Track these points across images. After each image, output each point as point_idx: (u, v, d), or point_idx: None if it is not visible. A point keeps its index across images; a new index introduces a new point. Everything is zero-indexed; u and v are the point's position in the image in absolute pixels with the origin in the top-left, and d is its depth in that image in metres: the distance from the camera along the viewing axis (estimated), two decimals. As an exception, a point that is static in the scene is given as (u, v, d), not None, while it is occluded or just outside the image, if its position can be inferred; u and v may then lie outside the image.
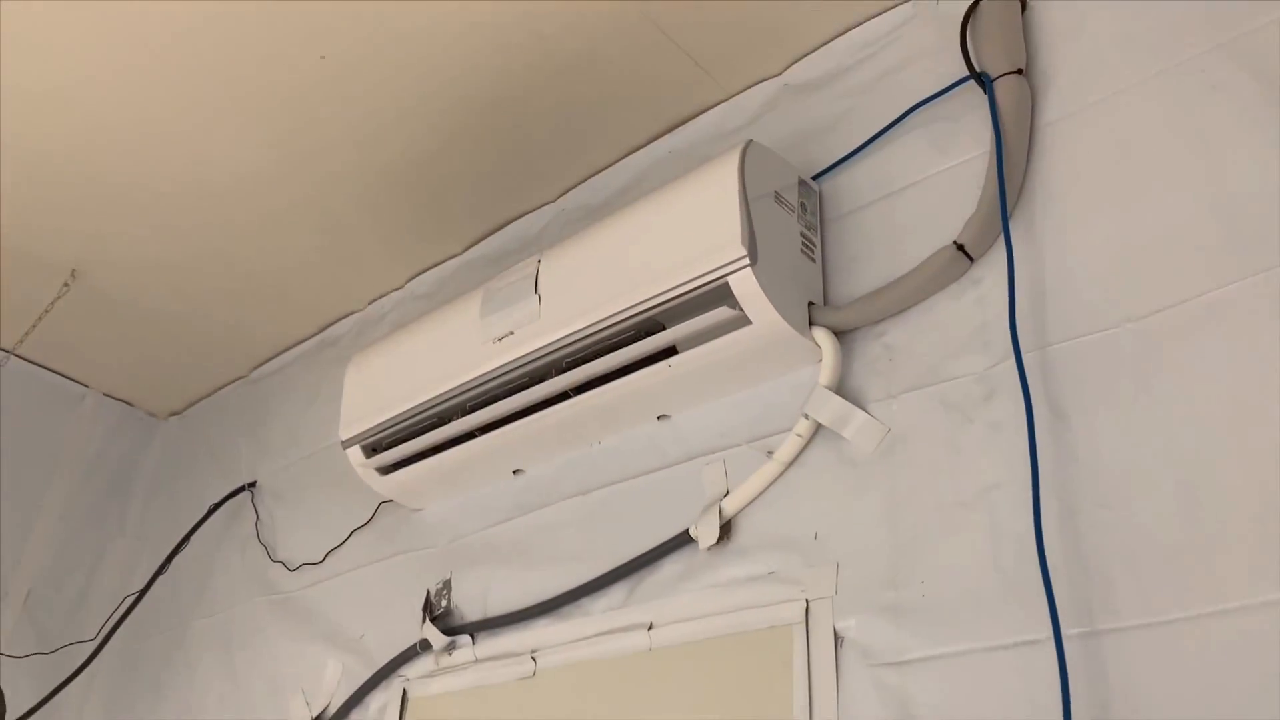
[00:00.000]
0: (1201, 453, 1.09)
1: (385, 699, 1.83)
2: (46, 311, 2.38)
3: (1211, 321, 1.13)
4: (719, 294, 1.42)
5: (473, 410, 1.72)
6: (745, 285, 1.39)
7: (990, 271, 1.35)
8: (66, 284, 2.35)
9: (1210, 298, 1.14)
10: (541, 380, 1.62)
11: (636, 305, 1.49)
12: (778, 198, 1.50)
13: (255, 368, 2.71)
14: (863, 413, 1.38)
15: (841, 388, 1.43)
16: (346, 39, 1.72)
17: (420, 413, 1.78)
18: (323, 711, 1.94)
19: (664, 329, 1.48)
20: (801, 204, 1.55)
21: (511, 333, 1.65)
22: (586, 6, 1.64)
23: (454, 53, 1.75)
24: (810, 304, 1.47)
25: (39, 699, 2.34)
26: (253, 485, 2.47)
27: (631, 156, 1.95)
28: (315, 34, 1.71)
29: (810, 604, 1.32)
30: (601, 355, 1.55)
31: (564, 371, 1.59)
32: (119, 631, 2.45)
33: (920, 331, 1.39)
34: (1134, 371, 1.17)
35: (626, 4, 1.64)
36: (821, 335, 1.44)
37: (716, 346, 1.46)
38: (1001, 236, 1.32)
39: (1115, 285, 1.22)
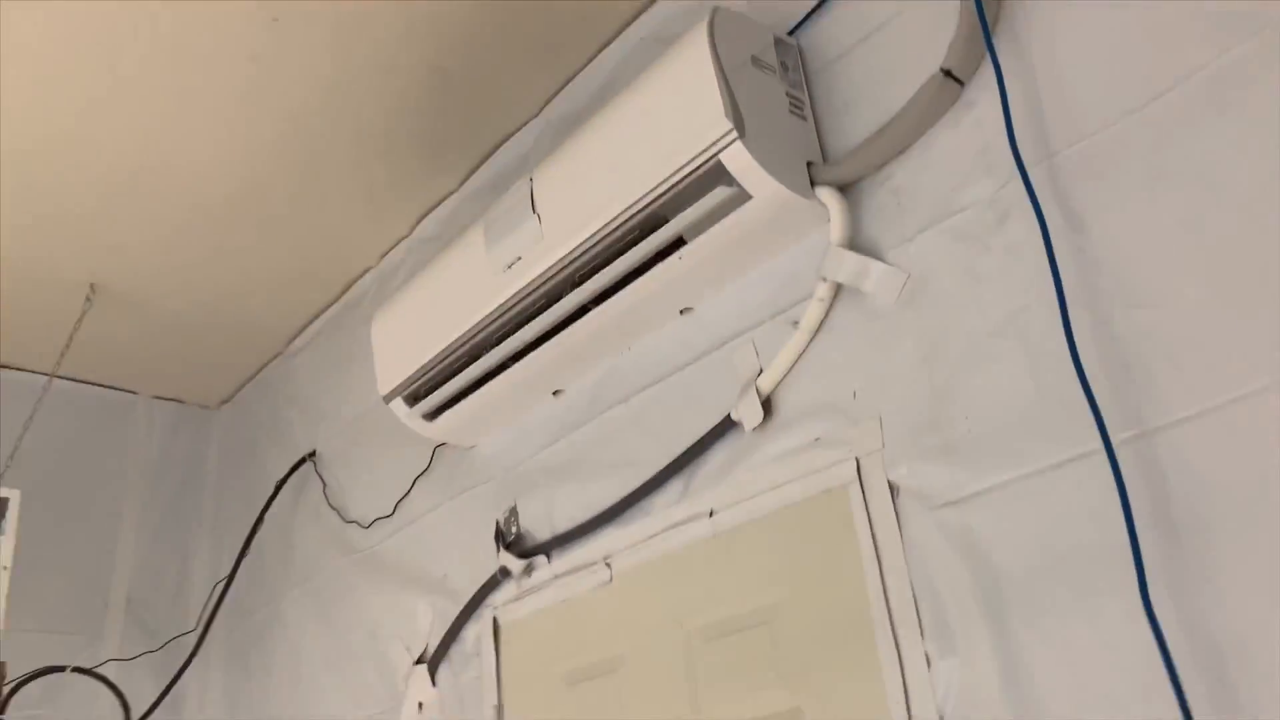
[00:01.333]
0: (1225, 232, 1.05)
1: (478, 630, 1.89)
2: (76, 329, 2.42)
3: (1216, 95, 1.08)
4: (714, 174, 1.39)
5: (500, 341, 1.73)
6: (738, 160, 1.36)
7: (982, 92, 1.29)
8: (89, 298, 2.39)
9: (1211, 70, 1.08)
10: (559, 298, 1.62)
11: (635, 203, 1.47)
12: (756, 62, 1.45)
13: (289, 341, 2.74)
14: (880, 263, 1.36)
15: (855, 242, 1.40)
16: (293, -5, 1.69)
17: (450, 354, 1.79)
18: (423, 653, 2.01)
19: (667, 221, 1.46)
20: (782, 63, 1.50)
21: (519, 258, 1.64)
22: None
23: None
24: (809, 164, 1.43)
25: (158, 694, 2.46)
26: (313, 455, 2.52)
27: (604, 53, 1.90)
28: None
29: (860, 461, 1.32)
30: (612, 261, 1.53)
31: (579, 285, 1.58)
32: (218, 617, 2.55)
33: (924, 168, 1.35)
34: (1144, 163, 1.13)
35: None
36: (826, 194, 1.41)
37: (723, 228, 1.44)
38: (987, 54, 1.26)
39: (1110, 79, 1.17)
